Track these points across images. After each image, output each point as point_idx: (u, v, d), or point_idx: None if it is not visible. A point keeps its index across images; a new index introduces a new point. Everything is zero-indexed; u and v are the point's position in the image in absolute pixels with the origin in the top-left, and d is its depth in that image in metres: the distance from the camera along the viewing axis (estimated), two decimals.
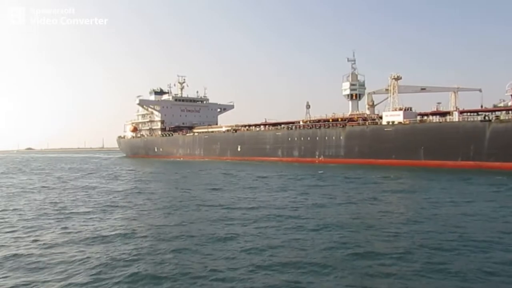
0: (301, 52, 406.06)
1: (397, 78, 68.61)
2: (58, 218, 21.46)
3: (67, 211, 23.80)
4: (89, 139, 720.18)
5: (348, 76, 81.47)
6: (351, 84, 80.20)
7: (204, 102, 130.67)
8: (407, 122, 61.86)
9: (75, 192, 34.21)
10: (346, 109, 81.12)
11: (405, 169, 53.72)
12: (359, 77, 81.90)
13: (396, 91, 68.21)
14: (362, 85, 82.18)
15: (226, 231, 17.56)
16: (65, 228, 19.00)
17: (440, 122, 58.68)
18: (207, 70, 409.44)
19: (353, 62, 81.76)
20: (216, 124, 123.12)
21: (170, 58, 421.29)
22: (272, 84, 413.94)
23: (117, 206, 25.81)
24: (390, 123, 63.80)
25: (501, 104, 62.74)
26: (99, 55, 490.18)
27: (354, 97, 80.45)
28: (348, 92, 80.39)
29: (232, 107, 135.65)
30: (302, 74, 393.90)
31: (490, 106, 64.64)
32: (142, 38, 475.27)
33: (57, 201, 28.40)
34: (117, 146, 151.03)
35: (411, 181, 40.25)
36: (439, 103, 71.43)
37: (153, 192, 33.64)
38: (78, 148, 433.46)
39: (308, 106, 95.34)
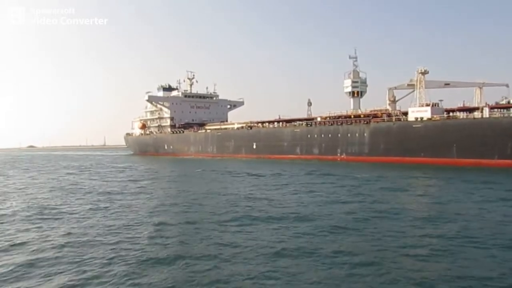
0: (301, 50, 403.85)
1: (424, 73, 65.82)
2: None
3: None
4: (91, 137, 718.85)
5: (350, 73, 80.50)
6: (353, 82, 79.24)
7: (214, 98, 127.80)
8: (438, 118, 59.22)
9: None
10: (347, 107, 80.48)
11: (444, 168, 51.11)
12: (360, 74, 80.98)
13: (423, 86, 65.48)
14: (364, 82, 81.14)
15: None
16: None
17: (475, 118, 55.95)
18: (207, 70, 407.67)
19: (354, 59, 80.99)
20: (226, 121, 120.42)
21: (170, 57, 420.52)
22: (272, 82, 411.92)
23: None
24: (419, 119, 61.15)
25: (503, 102, 61.20)
26: (99, 55, 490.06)
27: (355, 95, 79.35)
28: (349, 89, 79.47)
29: (242, 103, 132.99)
30: (302, 72, 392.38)
31: (492, 103, 61.91)
32: (142, 38, 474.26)
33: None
34: (118, 144, 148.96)
35: None
36: (441, 100, 68.43)
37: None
38: (80, 146, 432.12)
39: (309, 104, 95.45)
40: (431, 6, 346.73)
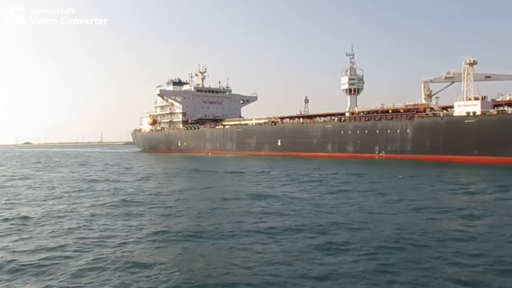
0: (299, 46, 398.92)
1: (472, 63, 61.00)
2: None
3: None
4: (87, 134, 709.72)
5: (347, 70, 79.71)
6: (350, 79, 78.43)
7: (227, 93, 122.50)
8: (495, 113, 54.71)
9: None
10: (344, 104, 79.32)
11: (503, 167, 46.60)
12: (357, 72, 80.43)
13: (471, 78, 60.73)
14: (361, 79, 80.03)
15: None
16: None
17: None
18: (207, 67, 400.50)
19: (351, 56, 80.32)
20: (240, 116, 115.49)
21: (169, 56, 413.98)
22: (271, 79, 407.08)
23: None
24: (471, 114, 56.56)
25: (500, 99, 58.89)
26: (99, 54, 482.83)
27: (352, 92, 78.48)
28: (346, 86, 78.53)
29: (255, 98, 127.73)
30: (300, 68, 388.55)
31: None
32: (141, 37, 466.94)
33: None
34: (115, 140, 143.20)
35: None
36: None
37: None
38: (77, 143, 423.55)
39: (306, 101, 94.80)
40: (431, 5, 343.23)
